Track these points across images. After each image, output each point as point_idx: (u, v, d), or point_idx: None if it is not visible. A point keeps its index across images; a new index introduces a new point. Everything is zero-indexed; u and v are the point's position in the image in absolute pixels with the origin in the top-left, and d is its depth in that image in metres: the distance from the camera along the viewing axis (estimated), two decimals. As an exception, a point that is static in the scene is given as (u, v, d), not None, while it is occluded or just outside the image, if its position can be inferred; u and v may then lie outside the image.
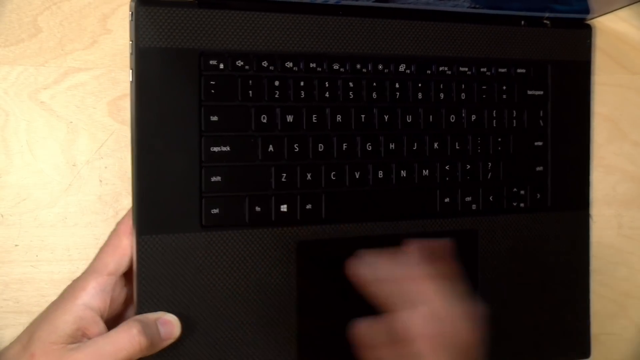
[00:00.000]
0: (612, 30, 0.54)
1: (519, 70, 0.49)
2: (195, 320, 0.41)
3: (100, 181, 0.45)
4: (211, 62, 0.42)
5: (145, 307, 0.40)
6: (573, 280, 0.51)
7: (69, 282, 0.41)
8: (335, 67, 0.45)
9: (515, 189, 0.49)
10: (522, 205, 0.49)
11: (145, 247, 0.40)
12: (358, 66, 0.45)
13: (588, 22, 0.52)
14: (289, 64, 0.44)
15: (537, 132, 0.50)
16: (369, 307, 0.45)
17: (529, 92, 0.49)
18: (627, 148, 0.55)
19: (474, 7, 0.47)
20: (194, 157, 0.42)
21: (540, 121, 0.50)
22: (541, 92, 0.50)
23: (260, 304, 0.43)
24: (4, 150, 0.44)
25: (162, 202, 0.41)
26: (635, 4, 0.50)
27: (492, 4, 0.48)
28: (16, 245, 0.44)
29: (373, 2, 0.45)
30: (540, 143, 0.50)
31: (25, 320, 0.41)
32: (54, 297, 0.40)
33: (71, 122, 0.44)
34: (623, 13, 0.54)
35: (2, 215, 0.44)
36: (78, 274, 0.41)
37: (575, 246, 0.51)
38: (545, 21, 0.50)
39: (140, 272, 0.40)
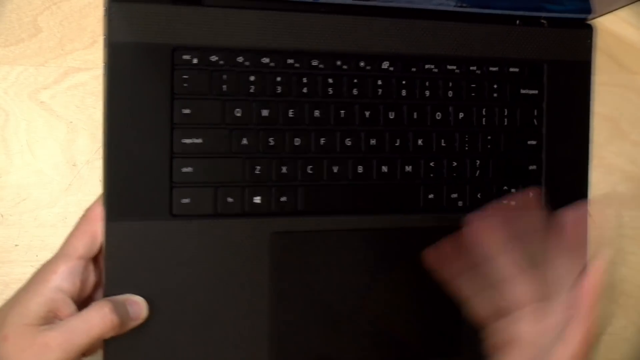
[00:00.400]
0: (612, 30, 0.54)
1: (511, 69, 0.49)
2: (163, 305, 0.42)
3: (100, 181, 0.45)
4: (184, 56, 0.43)
5: (113, 290, 0.41)
6: None
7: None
8: (314, 63, 0.45)
9: (505, 187, 0.49)
10: (512, 203, 0.49)
11: (114, 233, 0.41)
12: (338, 63, 0.45)
13: (588, 22, 0.52)
14: (266, 60, 0.44)
15: (531, 131, 0.50)
16: (341, 299, 0.45)
17: (523, 91, 0.49)
18: (627, 148, 0.55)
19: (461, 6, 0.47)
20: (165, 148, 0.42)
21: (535, 120, 0.50)
22: (536, 92, 0.50)
23: (231, 292, 0.43)
24: (4, 150, 0.44)
25: (132, 190, 0.42)
26: (635, 4, 0.49)
27: (480, 3, 0.47)
28: (16, 245, 0.44)
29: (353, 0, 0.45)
30: (534, 142, 0.50)
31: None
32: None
33: (71, 122, 0.45)
34: (623, 13, 0.54)
35: (2, 215, 0.44)
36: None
37: None
38: (542, 21, 0.50)
39: (109, 257, 0.41)
